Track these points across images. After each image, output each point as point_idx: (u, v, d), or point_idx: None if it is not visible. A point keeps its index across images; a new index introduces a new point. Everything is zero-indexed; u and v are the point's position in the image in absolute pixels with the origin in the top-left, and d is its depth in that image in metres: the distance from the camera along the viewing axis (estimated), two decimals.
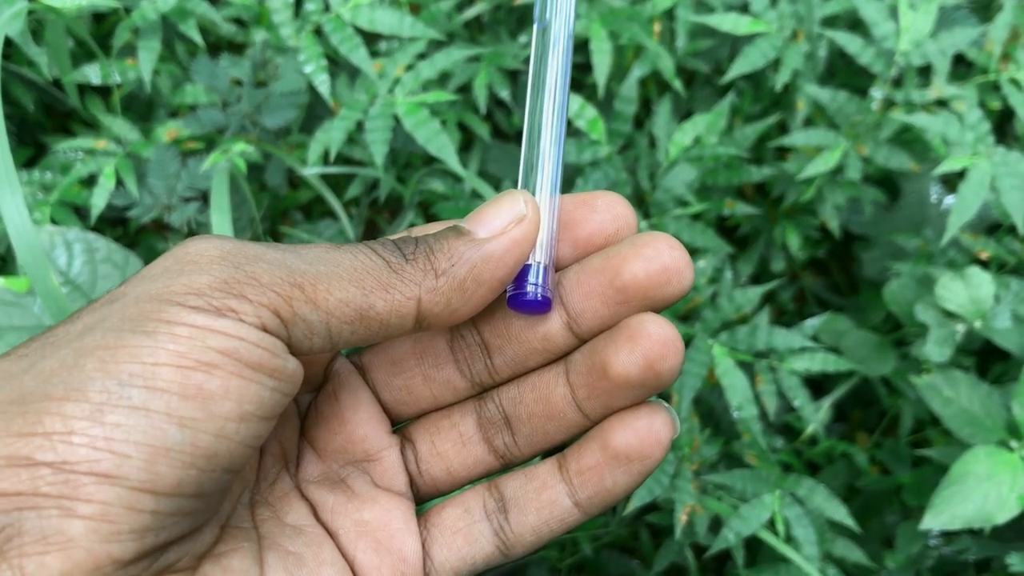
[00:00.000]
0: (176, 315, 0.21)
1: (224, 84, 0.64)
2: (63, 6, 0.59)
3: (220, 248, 0.23)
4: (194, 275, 0.22)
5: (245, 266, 0.23)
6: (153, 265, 0.23)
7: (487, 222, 0.26)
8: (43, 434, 0.20)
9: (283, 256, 0.23)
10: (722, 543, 0.54)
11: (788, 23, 0.67)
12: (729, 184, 0.67)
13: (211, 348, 0.21)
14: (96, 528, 0.20)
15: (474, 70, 0.68)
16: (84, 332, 0.21)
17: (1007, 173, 0.60)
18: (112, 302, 0.22)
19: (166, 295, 0.22)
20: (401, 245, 0.25)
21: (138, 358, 0.21)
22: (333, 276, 0.23)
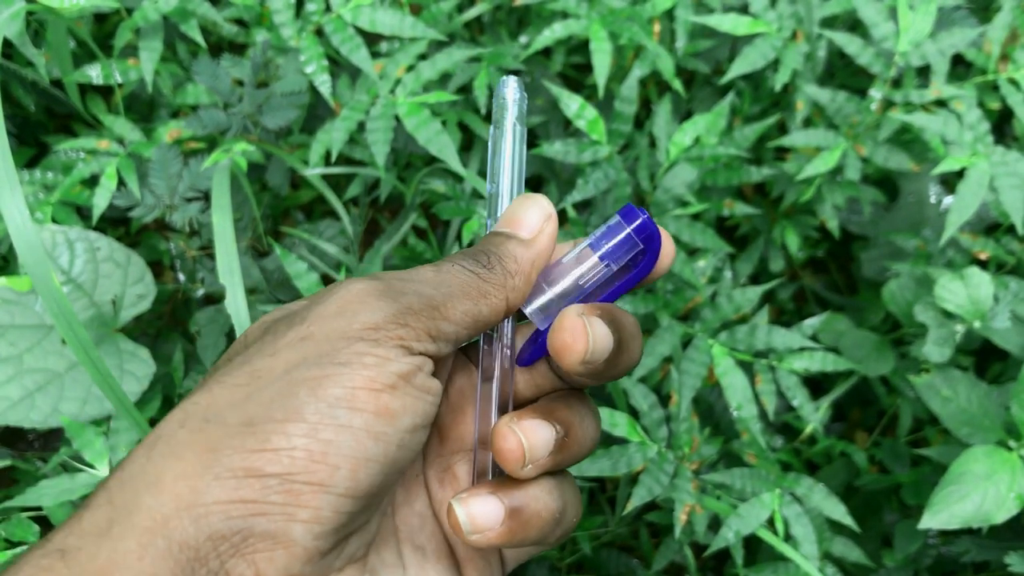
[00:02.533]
0: (363, 348, 0.26)
1: (225, 84, 0.65)
2: (63, 7, 0.59)
3: (376, 288, 0.27)
4: (367, 314, 0.27)
5: (400, 299, 0.27)
6: (326, 304, 0.27)
7: (525, 223, 0.31)
8: (272, 450, 0.24)
9: (415, 286, 0.28)
10: (721, 542, 0.55)
11: (787, 24, 0.67)
12: (729, 184, 0.68)
13: (393, 373, 0.26)
14: (311, 529, 0.24)
15: (474, 70, 0.68)
16: (290, 368, 0.26)
17: (1006, 173, 0.60)
18: (304, 340, 0.26)
19: (351, 332, 0.26)
20: (477, 258, 0.30)
21: (341, 384, 0.25)
22: (454, 296, 0.28)
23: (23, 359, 0.61)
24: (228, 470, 0.24)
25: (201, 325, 0.64)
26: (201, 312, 0.65)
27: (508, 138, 0.34)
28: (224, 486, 0.24)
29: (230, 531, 0.24)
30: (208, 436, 0.24)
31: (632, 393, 0.58)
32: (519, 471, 0.29)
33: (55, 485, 0.54)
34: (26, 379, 0.60)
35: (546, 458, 0.29)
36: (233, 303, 0.54)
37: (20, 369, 0.60)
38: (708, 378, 0.62)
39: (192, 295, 0.68)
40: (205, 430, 0.25)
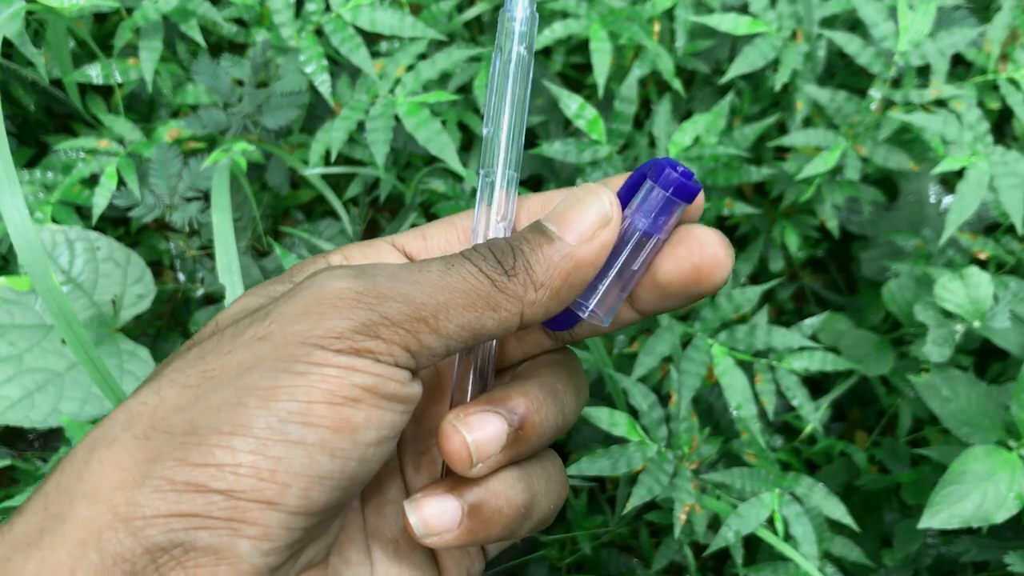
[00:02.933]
0: (324, 358, 0.24)
1: (225, 84, 0.65)
2: (62, 6, 0.59)
3: (354, 289, 0.24)
4: (335, 320, 0.24)
5: (378, 307, 0.24)
6: (292, 302, 0.25)
7: (574, 225, 0.27)
8: (216, 465, 0.23)
9: (407, 289, 0.25)
10: (721, 542, 0.55)
11: (787, 23, 0.67)
12: (728, 184, 0.68)
13: (356, 385, 0.24)
14: (258, 546, 0.23)
15: (474, 70, 0.68)
16: (242, 372, 0.24)
17: (1005, 172, 0.60)
18: (262, 340, 0.24)
19: (313, 339, 0.24)
20: (501, 258, 0.26)
21: (295, 397, 0.23)
22: (451, 305, 0.25)
23: (23, 359, 0.61)
24: (169, 482, 0.22)
25: (201, 325, 0.64)
26: (201, 312, 0.65)
27: (513, 68, 0.29)
28: (165, 499, 0.22)
29: (170, 544, 0.22)
30: (151, 444, 0.23)
31: (632, 392, 0.58)
32: (468, 471, 0.27)
33: None
34: (26, 379, 0.60)
35: (498, 454, 0.27)
36: None
37: (20, 369, 0.60)
38: (708, 378, 0.62)
39: (192, 295, 0.68)
40: (149, 436, 0.23)
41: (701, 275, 0.27)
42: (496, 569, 0.69)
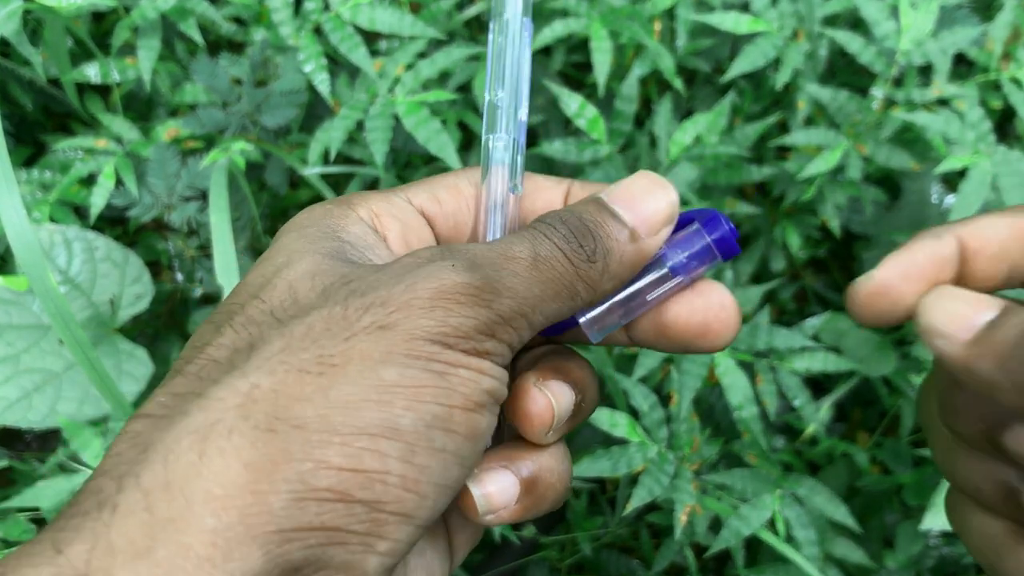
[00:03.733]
0: (456, 358, 0.22)
1: (224, 83, 0.64)
2: (60, 5, 0.59)
3: (473, 285, 0.23)
4: (461, 318, 0.22)
5: (494, 304, 0.23)
6: (412, 289, 0.23)
7: (645, 213, 0.26)
8: (364, 472, 0.20)
9: (513, 284, 0.24)
10: (722, 543, 0.54)
11: (789, 22, 0.67)
12: (730, 183, 0.67)
13: (484, 390, 0.23)
14: (384, 562, 0.21)
15: (474, 69, 0.68)
16: (374, 364, 0.21)
17: (1008, 172, 0.59)
18: (385, 329, 0.22)
19: (441, 337, 0.22)
20: (582, 241, 0.25)
21: (439, 399, 0.22)
22: (544, 297, 0.24)
23: (20, 359, 0.61)
24: (310, 489, 0.20)
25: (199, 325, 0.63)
26: (199, 312, 0.64)
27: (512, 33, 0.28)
28: (305, 509, 0.20)
29: (305, 562, 0.20)
30: (278, 438, 0.20)
31: (632, 393, 0.58)
32: (543, 437, 0.26)
33: (53, 486, 0.54)
34: (23, 379, 0.60)
35: (565, 424, 0.26)
36: None
37: (17, 369, 0.60)
38: (709, 378, 0.62)
39: (190, 295, 0.68)
40: (274, 428, 0.20)
41: (708, 332, 0.27)
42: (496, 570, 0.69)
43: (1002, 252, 0.27)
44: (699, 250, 0.27)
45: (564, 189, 0.30)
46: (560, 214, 0.26)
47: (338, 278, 0.24)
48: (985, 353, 0.24)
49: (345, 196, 0.28)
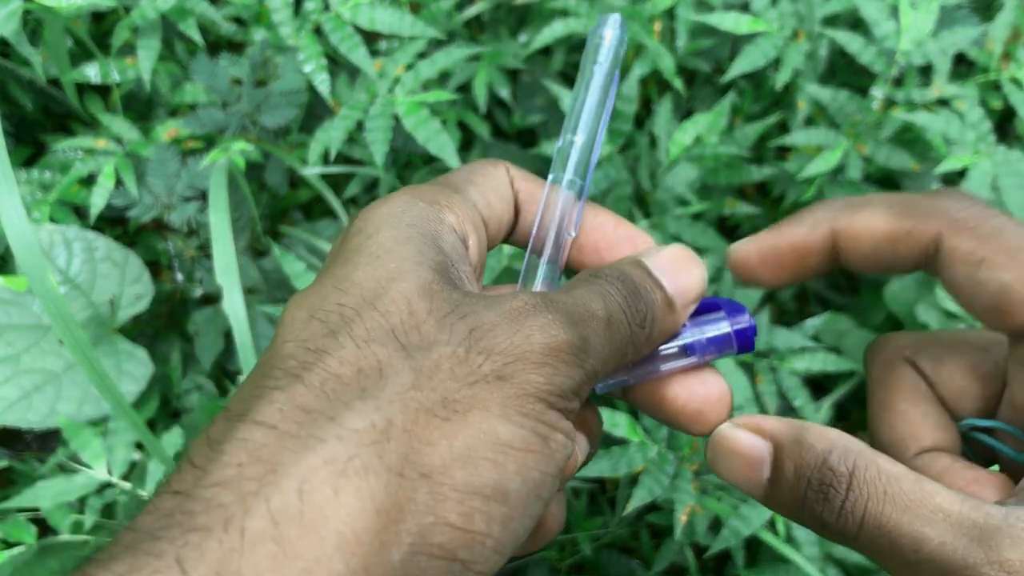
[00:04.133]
0: (556, 421, 0.23)
1: (224, 83, 0.64)
2: (60, 5, 0.59)
3: (574, 345, 0.23)
4: (564, 378, 0.23)
5: (585, 365, 0.24)
6: (528, 341, 0.23)
7: (682, 287, 0.27)
8: (472, 532, 0.20)
9: (597, 343, 0.24)
10: (722, 543, 0.54)
11: (789, 22, 0.67)
12: (730, 183, 0.67)
13: (567, 456, 0.23)
14: None
15: (474, 69, 0.68)
16: (492, 419, 0.21)
17: (1008, 172, 0.59)
18: (502, 381, 0.22)
19: (546, 396, 0.23)
20: (639, 307, 0.26)
21: (540, 466, 0.22)
22: (610, 359, 0.25)
23: (20, 359, 0.61)
24: (427, 544, 0.20)
25: (199, 325, 0.63)
26: (199, 312, 0.64)
27: (597, 84, 0.30)
28: (417, 563, 0.20)
29: None
30: (407, 484, 0.20)
31: None
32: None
33: (53, 486, 0.54)
34: (23, 379, 0.60)
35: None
36: (231, 303, 0.54)
37: (17, 369, 0.60)
38: None
39: (190, 295, 0.67)
40: (404, 473, 0.20)
41: (701, 418, 0.28)
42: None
43: (874, 254, 0.28)
44: (719, 337, 0.28)
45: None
46: (615, 273, 0.26)
47: (453, 307, 0.24)
48: (779, 508, 0.26)
49: (430, 190, 0.27)
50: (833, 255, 0.29)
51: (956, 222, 0.27)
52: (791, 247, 0.29)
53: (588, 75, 0.30)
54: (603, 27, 0.30)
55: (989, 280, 0.26)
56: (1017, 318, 0.26)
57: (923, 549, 0.23)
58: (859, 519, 0.24)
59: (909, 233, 0.28)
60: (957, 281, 0.27)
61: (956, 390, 0.30)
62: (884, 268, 0.29)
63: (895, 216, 0.28)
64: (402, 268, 0.24)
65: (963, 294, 0.27)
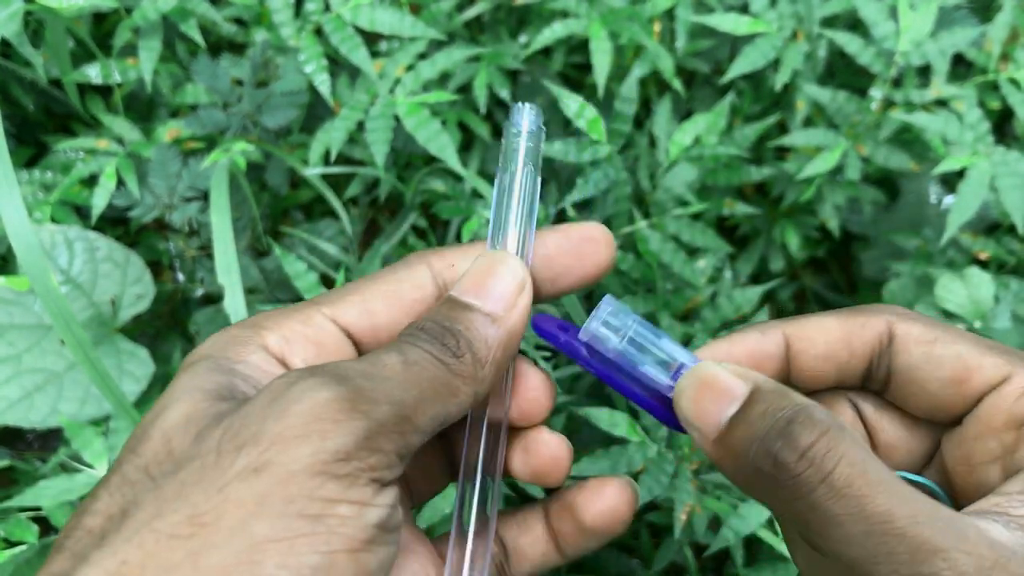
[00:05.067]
0: (336, 491, 0.21)
1: (225, 84, 0.64)
2: (61, 6, 0.59)
3: (345, 398, 0.22)
4: (338, 437, 0.21)
5: (372, 414, 0.22)
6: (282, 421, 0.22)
7: (495, 294, 0.27)
8: None
9: (389, 389, 0.23)
10: (721, 542, 0.54)
11: (788, 23, 0.67)
12: (729, 184, 0.67)
13: (370, 524, 0.22)
14: None
15: (474, 70, 0.68)
16: (247, 518, 0.20)
17: (1006, 172, 0.60)
18: (259, 472, 0.21)
19: (319, 466, 0.21)
20: (445, 342, 0.25)
21: (316, 548, 0.20)
22: (423, 399, 0.24)
23: (22, 359, 0.61)
24: None
25: (200, 325, 0.64)
26: (200, 312, 0.65)
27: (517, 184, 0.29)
28: None
29: None
30: None
31: None
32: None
33: (54, 485, 0.54)
34: (25, 379, 0.60)
35: None
36: (232, 303, 0.54)
37: (19, 369, 0.60)
38: None
39: (191, 295, 0.68)
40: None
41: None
42: None
43: (828, 353, 0.29)
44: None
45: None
46: (418, 323, 0.26)
47: (212, 419, 0.23)
48: (726, 455, 0.25)
49: (259, 317, 0.27)
50: (785, 363, 0.29)
51: (904, 315, 0.28)
52: (746, 353, 0.29)
53: (509, 176, 0.29)
54: (518, 116, 0.29)
55: (945, 353, 0.27)
56: (975, 384, 0.27)
57: (894, 522, 0.22)
58: (827, 469, 0.23)
59: (863, 325, 0.28)
60: (913, 362, 0.28)
61: (893, 439, 0.30)
62: (835, 372, 0.29)
63: (845, 318, 0.29)
64: (167, 404, 0.24)
65: (919, 374, 0.28)
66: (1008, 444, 0.26)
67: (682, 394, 0.27)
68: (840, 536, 0.22)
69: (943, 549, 0.21)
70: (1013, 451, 0.26)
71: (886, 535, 0.22)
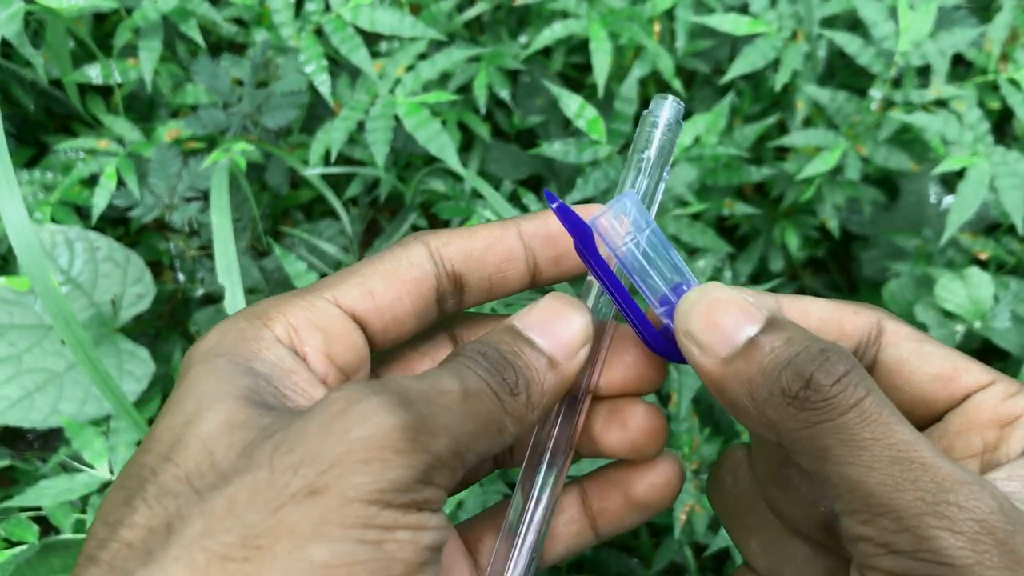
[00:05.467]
0: (393, 519, 0.21)
1: (225, 84, 0.64)
2: (61, 7, 0.59)
3: (408, 427, 0.22)
4: (397, 469, 0.21)
5: (430, 447, 0.22)
6: (342, 443, 0.21)
7: (561, 338, 0.26)
8: None
9: (447, 421, 0.23)
10: (721, 542, 0.55)
11: (787, 23, 0.67)
12: (729, 184, 0.68)
13: (424, 547, 0.22)
14: None
15: (474, 70, 0.68)
16: (304, 542, 0.20)
17: (1006, 173, 0.60)
18: (316, 495, 0.20)
19: (376, 495, 0.21)
20: (506, 376, 0.25)
21: (375, 573, 0.20)
22: (475, 434, 0.23)
23: (22, 359, 0.61)
24: None
25: (200, 325, 0.64)
26: (200, 312, 0.65)
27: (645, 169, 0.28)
28: None
29: None
30: None
31: None
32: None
33: (55, 485, 0.54)
34: (25, 379, 0.60)
35: None
36: (232, 303, 0.54)
37: (19, 369, 0.60)
38: None
39: (191, 295, 0.68)
40: None
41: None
42: None
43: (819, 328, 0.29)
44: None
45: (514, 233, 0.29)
46: (479, 347, 0.25)
47: (259, 431, 0.22)
48: (738, 376, 0.24)
49: (261, 307, 0.26)
50: None
51: (893, 316, 0.29)
52: None
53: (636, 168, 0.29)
54: (658, 110, 0.29)
55: (935, 352, 0.28)
56: (962, 383, 0.27)
57: (920, 452, 0.22)
58: (860, 396, 0.22)
59: (856, 313, 0.28)
60: (903, 355, 0.28)
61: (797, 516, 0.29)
62: None
63: (839, 303, 0.29)
64: (200, 408, 0.23)
65: (908, 367, 0.28)
66: (990, 441, 0.26)
67: (691, 308, 0.26)
68: (865, 460, 0.22)
69: (968, 482, 0.22)
70: (994, 448, 0.26)
71: (912, 463, 0.22)
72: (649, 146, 0.28)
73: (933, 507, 0.21)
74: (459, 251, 0.28)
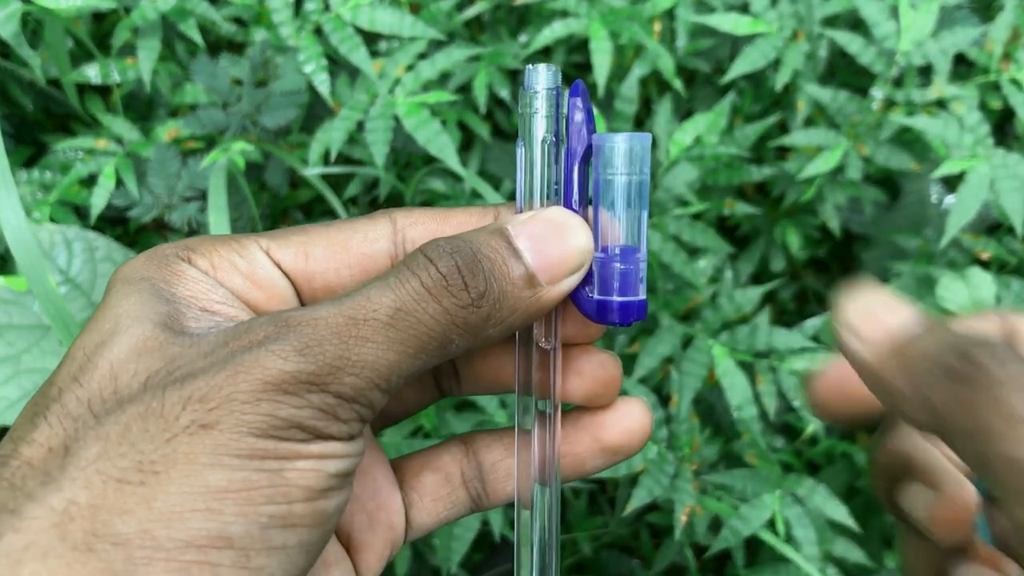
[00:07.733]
0: (293, 450, 0.21)
1: (224, 84, 0.64)
2: (59, 7, 0.59)
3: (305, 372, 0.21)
4: (291, 409, 0.21)
5: (332, 387, 0.21)
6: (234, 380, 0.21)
7: (551, 257, 0.24)
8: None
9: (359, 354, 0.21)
10: (722, 543, 0.54)
11: (788, 23, 0.67)
12: (729, 184, 0.67)
13: (329, 475, 0.21)
14: None
15: (474, 70, 0.68)
16: (201, 468, 0.20)
17: (1006, 175, 0.60)
18: (208, 429, 0.20)
19: (272, 431, 0.20)
20: (472, 281, 0.22)
21: (274, 499, 0.20)
22: (405, 358, 0.22)
23: (21, 359, 0.61)
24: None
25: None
26: None
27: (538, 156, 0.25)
28: None
29: None
30: (97, 559, 0.19)
31: (632, 393, 0.58)
32: None
33: None
34: (24, 379, 0.60)
35: None
36: None
37: (18, 369, 0.60)
38: (709, 379, 0.62)
39: None
40: (92, 547, 0.19)
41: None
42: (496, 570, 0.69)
43: None
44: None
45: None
46: (451, 243, 0.23)
47: (165, 361, 0.22)
48: (899, 364, 0.23)
49: (193, 241, 0.25)
50: None
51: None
52: None
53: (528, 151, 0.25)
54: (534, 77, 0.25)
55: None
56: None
57: None
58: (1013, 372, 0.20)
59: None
60: None
61: None
62: None
63: None
64: (115, 331, 0.22)
65: None
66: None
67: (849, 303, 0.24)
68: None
69: None
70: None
71: None
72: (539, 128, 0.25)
73: None
74: (426, 233, 0.26)
